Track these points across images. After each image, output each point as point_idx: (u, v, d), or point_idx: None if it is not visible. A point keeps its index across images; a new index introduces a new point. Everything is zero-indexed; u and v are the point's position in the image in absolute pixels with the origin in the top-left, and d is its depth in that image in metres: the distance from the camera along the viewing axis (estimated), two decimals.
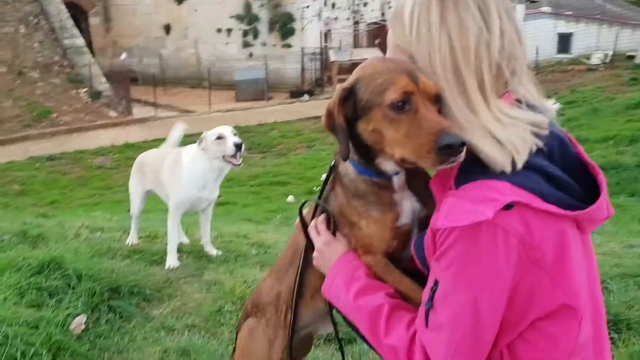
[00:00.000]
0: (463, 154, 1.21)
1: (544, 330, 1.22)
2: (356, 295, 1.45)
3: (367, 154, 1.44)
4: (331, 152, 1.43)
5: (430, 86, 1.27)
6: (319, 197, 1.72)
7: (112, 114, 20.46)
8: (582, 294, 1.24)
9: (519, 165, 1.19)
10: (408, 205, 1.53)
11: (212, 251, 4.31)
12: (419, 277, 1.56)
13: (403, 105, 1.27)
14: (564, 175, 1.22)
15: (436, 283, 1.20)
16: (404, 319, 1.33)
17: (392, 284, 1.49)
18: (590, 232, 1.31)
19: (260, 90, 24.13)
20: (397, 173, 1.48)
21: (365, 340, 1.50)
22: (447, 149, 1.19)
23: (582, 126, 14.95)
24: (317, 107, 18.21)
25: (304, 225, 1.70)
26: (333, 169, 1.65)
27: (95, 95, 20.89)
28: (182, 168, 3.95)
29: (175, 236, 4.09)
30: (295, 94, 24.65)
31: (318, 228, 1.64)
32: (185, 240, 4.67)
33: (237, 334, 1.95)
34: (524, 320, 1.22)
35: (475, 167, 1.22)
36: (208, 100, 22.47)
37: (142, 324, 3.20)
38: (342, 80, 1.47)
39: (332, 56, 25.58)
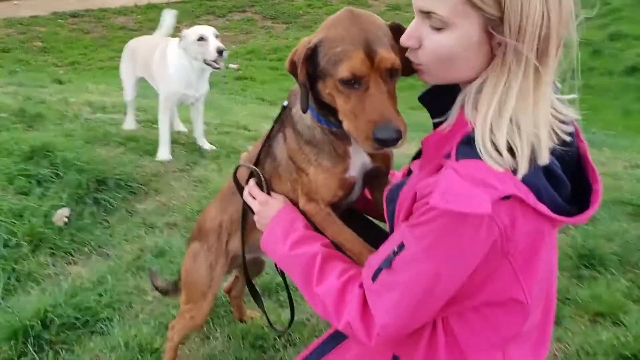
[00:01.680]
0: (401, 144, 1.22)
1: (487, 315, 1.22)
2: (292, 245, 1.44)
3: (326, 106, 1.39)
4: None
5: (388, 62, 1.23)
6: (267, 137, 1.67)
7: None
8: (537, 289, 1.23)
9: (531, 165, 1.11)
10: (359, 159, 1.51)
11: (205, 145, 4.30)
12: (357, 223, 1.61)
13: (353, 82, 1.24)
14: (561, 173, 1.15)
15: (401, 246, 1.16)
16: (337, 268, 1.34)
17: (332, 235, 1.50)
18: None
19: None
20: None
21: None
22: (380, 143, 1.21)
23: (623, 19, 13.84)
24: None
25: (239, 189, 1.70)
26: (285, 109, 1.59)
27: None
28: (167, 62, 3.82)
29: (166, 128, 4.06)
30: None
31: (252, 192, 1.63)
32: (183, 129, 4.65)
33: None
34: (470, 300, 1.21)
35: None
36: None
37: (125, 219, 3.28)
38: None
39: None
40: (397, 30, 1.30)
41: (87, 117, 4.68)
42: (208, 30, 3.70)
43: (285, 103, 1.60)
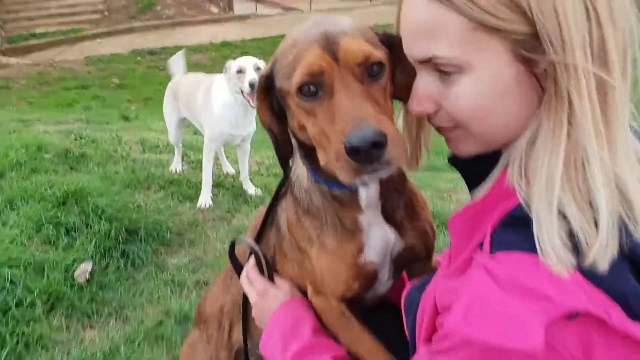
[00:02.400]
0: (386, 168, 0.84)
1: None
2: (293, 357, 1.09)
3: (314, 156, 1.01)
4: None
5: (358, 52, 0.90)
6: (269, 208, 1.30)
7: (214, 9, 20.22)
8: None
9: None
10: (378, 234, 1.11)
11: (250, 190, 3.96)
12: (388, 315, 1.22)
13: (314, 90, 0.91)
14: None
15: None
16: None
17: (347, 342, 1.13)
18: None
19: None
20: (365, 183, 1.06)
21: None
22: (354, 153, 0.82)
23: None
24: None
25: (237, 271, 1.33)
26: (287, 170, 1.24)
27: None
28: (212, 99, 3.53)
29: (209, 172, 3.77)
30: None
31: (250, 277, 1.26)
32: (231, 170, 4.36)
33: None
34: None
35: (530, 219, 0.72)
36: None
37: (152, 276, 2.97)
38: None
39: None
40: (387, 38, 0.98)
41: (135, 158, 4.48)
42: (248, 62, 3.37)
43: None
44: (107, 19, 18.61)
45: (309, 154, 1.03)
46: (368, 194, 1.08)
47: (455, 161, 0.94)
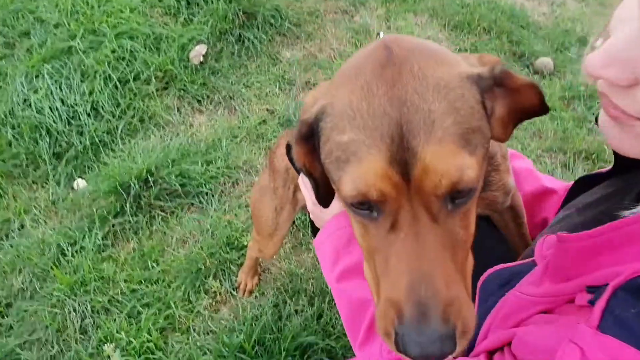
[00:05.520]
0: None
1: None
2: (340, 275, 1.04)
3: None
4: None
5: (441, 178, 0.59)
6: None
7: None
8: None
9: None
10: None
11: None
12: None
13: (367, 208, 0.65)
14: None
15: None
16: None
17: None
18: None
19: None
20: None
21: None
22: (407, 352, 0.59)
23: None
24: None
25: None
26: None
27: None
28: None
29: None
30: None
31: (305, 181, 1.18)
32: None
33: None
34: None
35: None
36: None
37: (265, 68, 2.91)
38: None
39: None
40: (499, 81, 0.66)
41: None
42: None
43: None
44: None
45: None
46: None
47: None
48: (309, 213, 1.30)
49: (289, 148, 0.76)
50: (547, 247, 0.72)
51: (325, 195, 0.78)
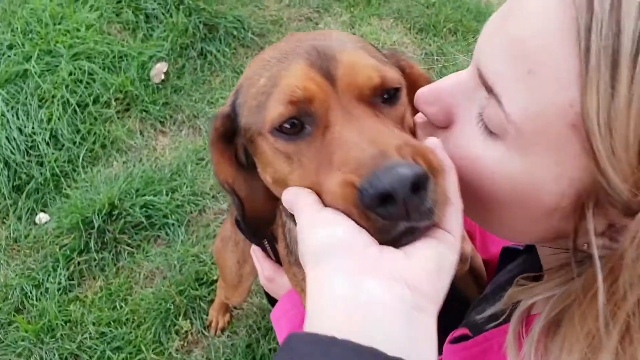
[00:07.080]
0: (431, 219, 0.54)
1: None
2: None
3: None
4: None
5: (365, 70, 0.63)
6: None
7: None
8: None
9: None
10: None
11: None
12: None
13: (297, 124, 0.63)
14: None
15: None
16: None
17: None
18: None
19: None
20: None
21: None
22: (377, 204, 0.52)
23: None
24: None
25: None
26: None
27: None
28: None
29: None
30: None
31: (257, 255, 1.18)
32: None
33: None
34: None
35: None
36: None
37: (229, 82, 2.84)
38: None
39: None
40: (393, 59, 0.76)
41: None
42: None
43: None
44: None
45: None
46: None
47: None
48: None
49: (237, 223, 0.78)
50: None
51: (254, 215, 0.79)
